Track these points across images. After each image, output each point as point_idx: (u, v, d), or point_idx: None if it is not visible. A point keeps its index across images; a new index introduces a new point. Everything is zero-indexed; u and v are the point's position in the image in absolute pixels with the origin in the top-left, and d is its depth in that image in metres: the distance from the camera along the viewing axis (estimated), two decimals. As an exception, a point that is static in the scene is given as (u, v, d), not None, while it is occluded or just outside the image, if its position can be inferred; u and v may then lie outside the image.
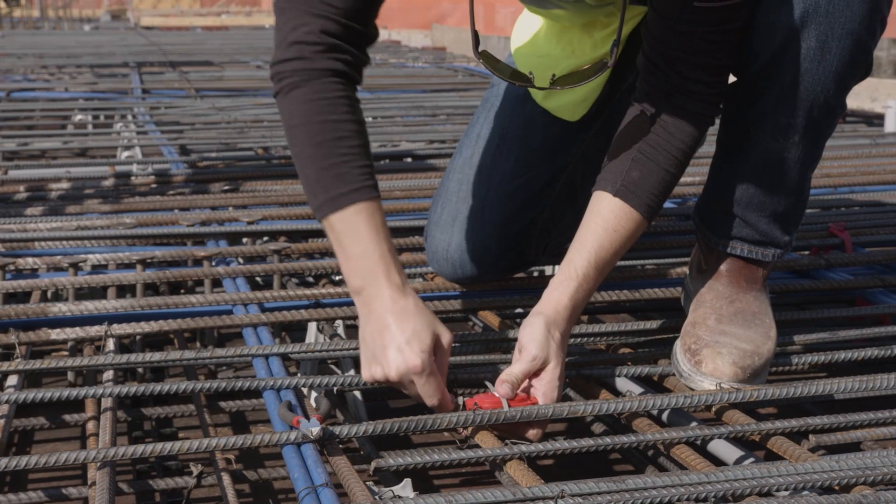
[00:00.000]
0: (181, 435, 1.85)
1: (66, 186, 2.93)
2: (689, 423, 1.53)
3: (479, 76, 5.98)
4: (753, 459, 1.42)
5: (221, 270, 2.07)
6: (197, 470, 1.55)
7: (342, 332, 1.87)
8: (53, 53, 8.11)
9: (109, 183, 2.99)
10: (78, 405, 1.68)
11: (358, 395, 1.76)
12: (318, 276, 2.18)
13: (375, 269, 1.45)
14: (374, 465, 1.32)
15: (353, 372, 1.72)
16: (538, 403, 1.47)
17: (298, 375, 1.60)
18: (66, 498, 1.45)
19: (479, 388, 1.64)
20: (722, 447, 1.47)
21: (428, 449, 1.55)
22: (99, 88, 5.47)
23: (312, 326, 1.91)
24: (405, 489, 1.30)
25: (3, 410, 1.53)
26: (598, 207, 1.57)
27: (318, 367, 1.78)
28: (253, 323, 1.82)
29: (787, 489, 1.26)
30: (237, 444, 1.35)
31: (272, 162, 3.36)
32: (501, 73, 1.53)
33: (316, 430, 1.34)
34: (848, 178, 3.01)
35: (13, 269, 2.09)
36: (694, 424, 1.51)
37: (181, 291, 2.30)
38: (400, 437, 1.76)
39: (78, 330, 1.79)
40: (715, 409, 1.52)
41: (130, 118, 4.36)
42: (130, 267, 2.14)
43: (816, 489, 1.27)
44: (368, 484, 1.28)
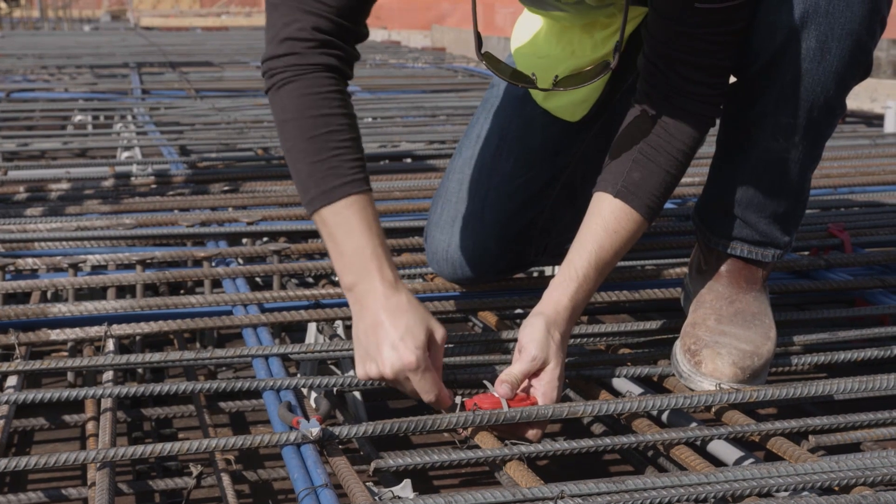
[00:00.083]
0: (181, 435, 1.84)
1: (65, 187, 2.93)
2: (688, 423, 1.53)
3: (478, 76, 5.98)
4: (753, 460, 1.42)
5: (221, 271, 2.07)
6: (197, 470, 1.55)
7: (342, 332, 1.87)
8: (53, 54, 8.11)
9: (109, 183, 2.99)
10: (78, 406, 1.68)
11: (358, 395, 1.76)
12: (317, 276, 2.18)
13: (368, 265, 1.44)
14: (373, 465, 1.31)
15: (352, 372, 1.71)
16: (538, 404, 1.47)
17: (298, 376, 1.60)
18: (65, 498, 1.45)
19: (478, 388, 1.63)
20: (722, 448, 1.47)
21: (428, 449, 1.55)
22: (99, 89, 5.46)
23: (312, 327, 1.91)
24: (405, 490, 1.30)
25: (2, 411, 1.53)
26: (598, 208, 1.56)
27: (317, 367, 1.78)
28: (253, 323, 1.82)
29: (786, 490, 1.26)
30: (237, 444, 1.35)
31: (272, 162, 3.36)
32: (504, 74, 1.53)
33: (316, 430, 1.34)
34: (847, 178, 3.01)
35: (13, 269, 2.09)
36: (694, 425, 1.51)
37: (181, 292, 2.30)
38: (400, 437, 1.76)
39: (78, 330, 1.79)
40: (715, 409, 1.52)
41: (130, 119, 4.36)
42: (130, 267, 2.15)
43: (816, 490, 1.27)
44: (368, 484, 1.28)
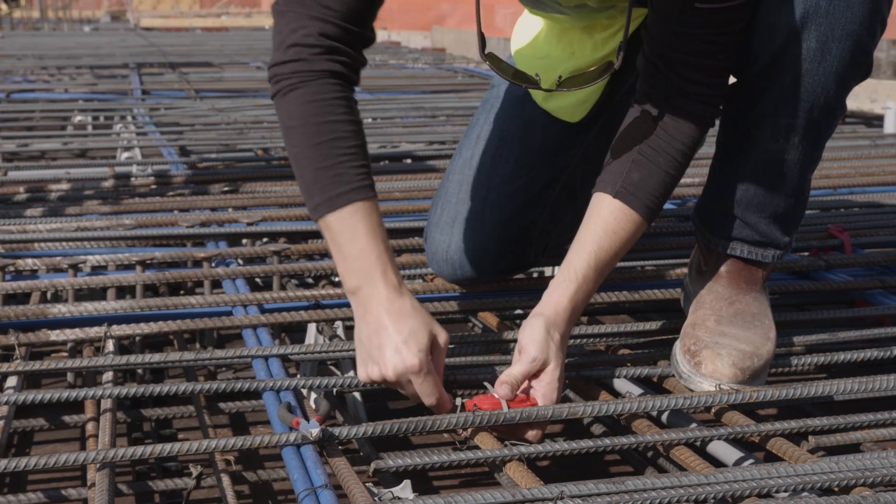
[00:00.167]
0: (181, 436, 1.85)
1: (65, 187, 2.93)
2: (688, 424, 1.53)
3: (478, 77, 5.98)
4: (753, 461, 1.42)
5: (221, 271, 2.07)
6: (196, 471, 1.55)
7: (342, 333, 1.87)
8: (53, 54, 8.11)
9: (109, 184, 2.99)
10: (77, 406, 1.68)
11: (357, 396, 1.76)
12: (317, 277, 2.18)
13: (372, 269, 1.45)
14: (373, 466, 1.31)
15: (352, 373, 1.72)
16: (538, 405, 1.47)
17: (298, 377, 1.60)
18: (65, 499, 1.45)
19: (478, 389, 1.63)
20: (721, 448, 1.47)
21: (427, 450, 1.55)
22: (99, 89, 5.46)
23: (312, 327, 1.91)
24: (405, 490, 1.30)
25: (2, 411, 1.53)
26: (597, 209, 1.56)
27: (317, 368, 1.78)
28: (252, 324, 1.82)
29: (786, 490, 1.26)
30: (237, 445, 1.35)
31: (272, 163, 3.36)
32: (507, 74, 1.53)
33: (315, 431, 1.34)
34: (847, 179, 3.01)
35: (13, 270, 2.09)
36: (693, 426, 1.51)
37: (181, 292, 2.30)
38: (399, 438, 1.76)
39: (77, 331, 1.79)
40: (714, 410, 1.52)
41: (130, 119, 4.36)
42: (130, 268, 2.15)
43: (816, 490, 1.27)
44: (368, 485, 1.28)
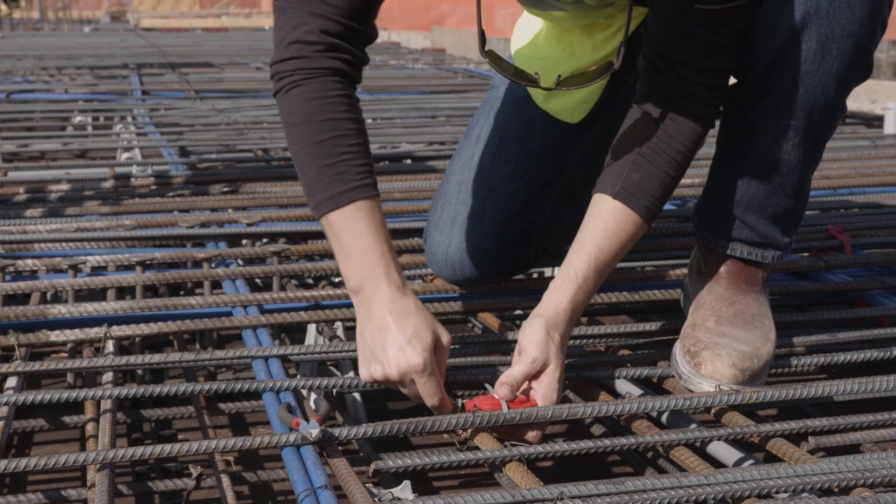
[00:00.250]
0: (180, 437, 1.85)
1: (65, 188, 2.93)
2: (688, 424, 1.53)
3: (478, 78, 5.98)
4: (753, 461, 1.42)
5: (221, 272, 2.07)
6: (196, 472, 1.55)
7: (342, 333, 1.87)
8: (53, 55, 8.11)
9: (109, 184, 2.99)
10: (77, 407, 1.68)
11: (357, 396, 1.76)
12: (317, 277, 2.18)
13: (375, 268, 1.45)
14: (373, 466, 1.31)
15: (352, 374, 1.72)
16: (537, 405, 1.47)
17: (298, 377, 1.60)
18: (65, 500, 1.45)
19: (478, 389, 1.64)
20: (721, 449, 1.47)
21: (427, 451, 1.55)
22: (99, 90, 5.46)
23: (312, 328, 1.91)
24: (404, 491, 1.30)
25: (2, 412, 1.53)
26: (597, 210, 1.56)
27: (317, 368, 1.78)
28: (252, 325, 1.82)
29: (786, 491, 1.26)
30: (236, 445, 1.35)
31: (272, 164, 3.36)
32: (506, 72, 1.53)
33: (315, 431, 1.34)
34: (847, 179, 3.01)
35: (13, 270, 2.09)
36: (693, 426, 1.51)
37: (181, 293, 2.30)
38: (399, 438, 1.76)
39: (77, 332, 1.79)
40: (714, 410, 1.52)
41: (130, 120, 4.36)
42: (130, 269, 2.15)
43: (816, 491, 1.27)
44: (368, 486, 1.28)
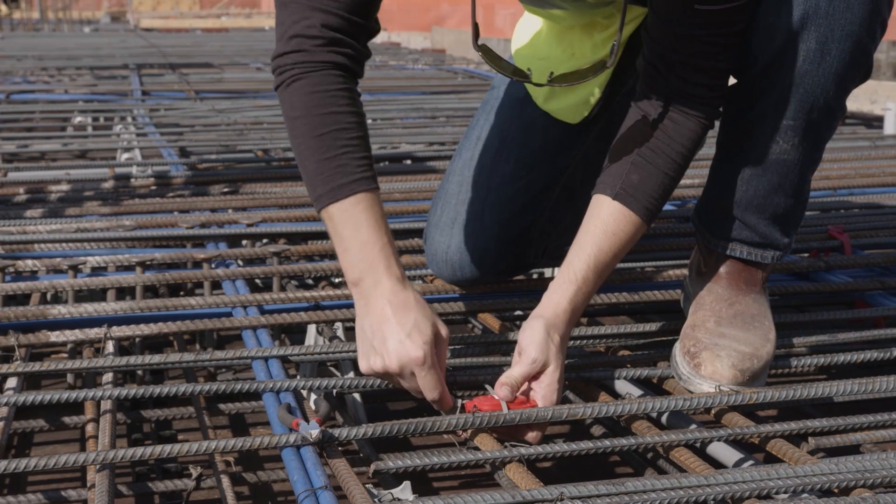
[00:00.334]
0: (180, 437, 1.85)
1: (65, 188, 2.93)
2: (688, 425, 1.53)
3: (478, 78, 5.98)
4: (753, 462, 1.42)
5: (221, 273, 2.07)
6: (196, 472, 1.55)
7: (342, 334, 1.87)
8: (53, 55, 8.11)
9: (109, 185, 2.99)
10: (77, 407, 1.67)
11: (357, 397, 1.76)
12: (317, 278, 2.18)
13: (375, 260, 1.45)
14: (373, 467, 1.31)
15: (352, 374, 1.72)
16: (537, 406, 1.47)
17: (298, 378, 1.60)
18: (65, 500, 1.45)
19: (478, 390, 1.63)
20: (721, 450, 1.47)
21: (427, 451, 1.55)
22: (99, 90, 5.46)
23: (312, 329, 1.91)
24: (404, 491, 1.30)
25: (2, 413, 1.53)
26: (597, 210, 1.56)
27: (317, 369, 1.78)
28: (252, 325, 1.82)
29: (786, 492, 1.26)
30: (236, 446, 1.35)
31: (272, 164, 3.36)
32: (499, 66, 1.53)
33: (315, 432, 1.34)
34: (847, 180, 3.01)
35: (13, 271, 2.09)
36: (693, 427, 1.51)
37: (180, 294, 2.30)
38: (399, 439, 1.76)
39: (77, 332, 1.79)
40: (714, 411, 1.52)
41: (130, 120, 4.36)
42: (130, 269, 2.15)
43: (815, 492, 1.27)
44: (368, 486, 1.28)
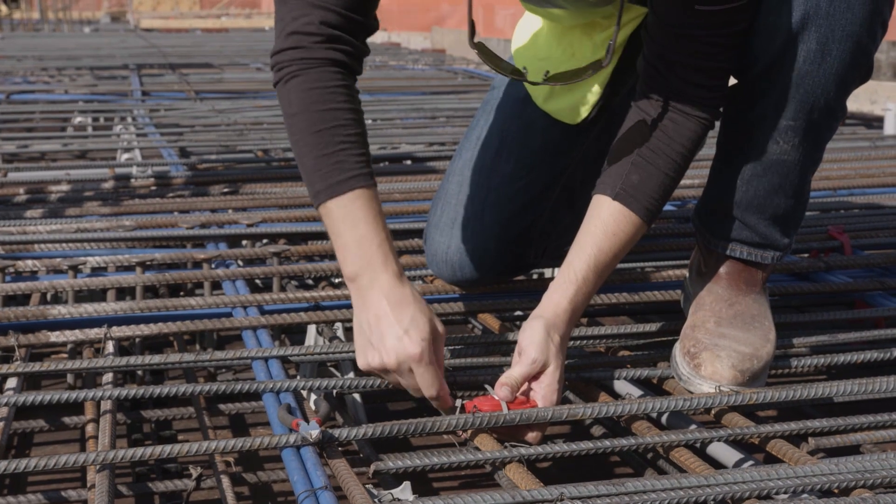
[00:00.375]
0: (180, 437, 1.85)
1: (65, 189, 2.93)
2: (688, 425, 1.53)
3: (478, 78, 5.98)
4: (753, 462, 1.42)
5: (221, 273, 2.07)
6: (196, 472, 1.55)
7: (341, 334, 1.87)
8: (53, 55, 8.11)
9: (109, 185, 2.99)
10: (77, 408, 1.67)
11: (357, 397, 1.76)
12: (317, 278, 2.18)
13: (373, 256, 1.45)
14: (373, 467, 1.31)
15: (352, 375, 1.72)
16: (537, 406, 1.47)
17: (298, 378, 1.60)
18: (65, 500, 1.45)
19: (478, 390, 1.63)
20: (721, 450, 1.47)
21: (427, 451, 1.54)
22: (99, 91, 5.46)
23: (312, 329, 1.91)
24: (404, 492, 1.30)
25: (2, 413, 1.53)
26: (597, 211, 1.57)
27: (317, 369, 1.78)
28: (252, 325, 1.82)
29: (786, 492, 1.26)
30: (236, 446, 1.35)
31: (272, 164, 3.36)
32: (495, 64, 1.53)
33: (315, 432, 1.34)
34: (847, 180, 3.01)
35: (13, 271, 2.09)
36: (693, 427, 1.51)
37: (181, 294, 2.30)
38: (399, 439, 1.76)
39: (77, 332, 1.79)
40: (714, 411, 1.52)
41: (130, 120, 4.36)
42: (130, 269, 2.15)
43: (816, 492, 1.27)
44: (368, 486, 1.28)
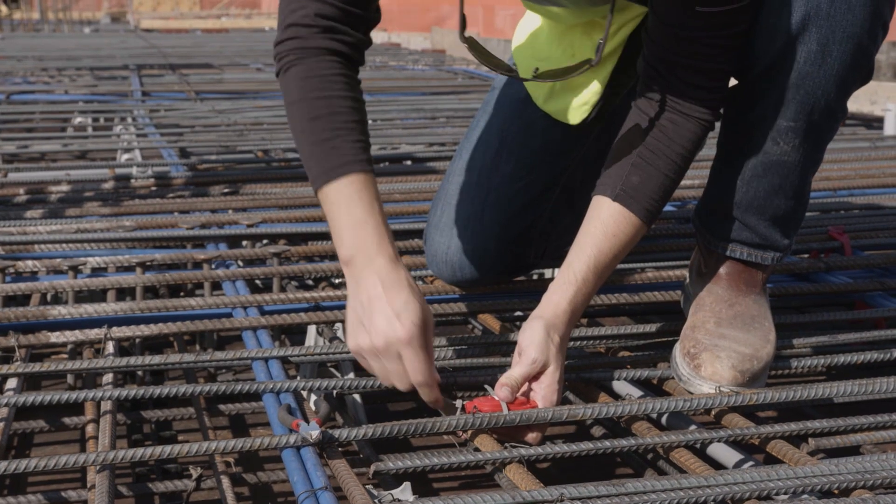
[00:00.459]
0: (180, 438, 1.85)
1: (65, 189, 2.93)
2: (688, 426, 1.53)
3: (478, 79, 5.98)
4: (753, 463, 1.42)
5: (221, 273, 2.07)
6: (196, 473, 1.55)
7: (342, 335, 1.87)
8: (53, 56, 8.11)
9: (109, 185, 2.99)
10: (77, 408, 1.68)
11: (357, 398, 1.76)
12: (317, 279, 2.18)
13: (367, 239, 1.44)
14: (373, 468, 1.31)
15: (352, 375, 1.72)
16: (538, 407, 1.47)
17: (298, 378, 1.60)
18: (65, 501, 1.45)
19: (478, 391, 1.63)
20: (721, 451, 1.47)
21: (427, 452, 1.55)
22: (99, 91, 5.47)
23: (312, 329, 1.91)
24: (405, 492, 1.30)
25: (2, 413, 1.53)
26: (597, 212, 1.57)
27: (317, 370, 1.78)
28: (252, 326, 1.82)
29: (786, 493, 1.26)
30: (236, 447, 1.35)
31: (272, 165, 3.36)
32: (485, 59, 1.53)
33: (315, 433, 1.34)
34: (847, 181, 3.01)
35: (13, 271, 2.09)
36: (693, 428, 1.51)
37: (181, 294, 2.30)
38: (399, 440, 1.76)
39: (77, 333, 1.79)
40: (714, 412, 1.52)
41: (130, 121, 4.36)
42: (130, 270, 2.15)
43: (816, 493, 1.27)
44: (368, 487, 1.28)
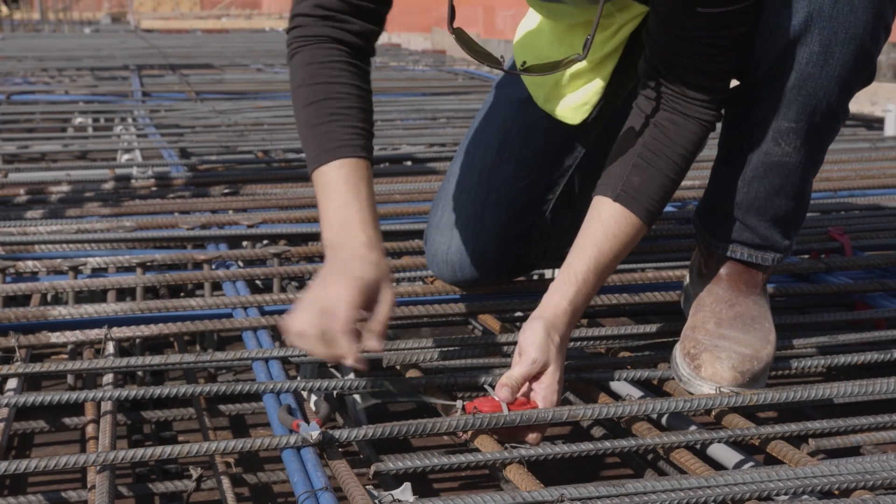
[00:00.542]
0: (181, 438, 1.85)
1: (66, 189, 2.93)
2: (688, 426, 1.53)
3: (479, 79, 5.98)
4: (753, 463, 1.42)
5: (221, 274, 2.07)
6: (196, 473, 1.55)
7: (342, 335, 1.87)
8: (53, 56, 8.11)
9: (109, 186, 2.99)
10: (77, 408, 1.68)
11: (358, 398, 1.76)
12: (317, 279, 2.18)
13: (348, 222, 1.44)
14: (373, 468, 1.31)
15: (352, 375, 1.72)
16: (538, 407, 1.47)
17: (298, 379, 1.60)
18: (65, 501, 1.45)
19: (478, 391, 1.64)
20: (721, 451, 1.47)
21: (428, 452, 1.55)
22: (99, 91, 5.47)
23: (312, 330, 1.91)
24: (405, 493, 1.30)
25: (2, 414, 1.53)
26: (598, 212, 1.57)
27: (317, 370, 1.78)
28: (253, 326, 1.82)
29: (786, 493, 1.26)
30: (237, 447, 1.35)
31: (272, 165, 3.36)
32: (472, 52, 1.53)
33: (315, 433, 1.34)
34: (848, 181, 3.01)
35: (13, 272, 2.09)
36: (693, 428, 1.51)
37: (181, 295, 2.30)
38: (400, 440, 1.76)
39: (78, 333, 1.79)
40: (714, 412, 1.52)
41: (130, 121, 4.36)
42: (130, 270, 2.15)
43: (816, 493, 1.27)
44: (368, 488, 1.28)
